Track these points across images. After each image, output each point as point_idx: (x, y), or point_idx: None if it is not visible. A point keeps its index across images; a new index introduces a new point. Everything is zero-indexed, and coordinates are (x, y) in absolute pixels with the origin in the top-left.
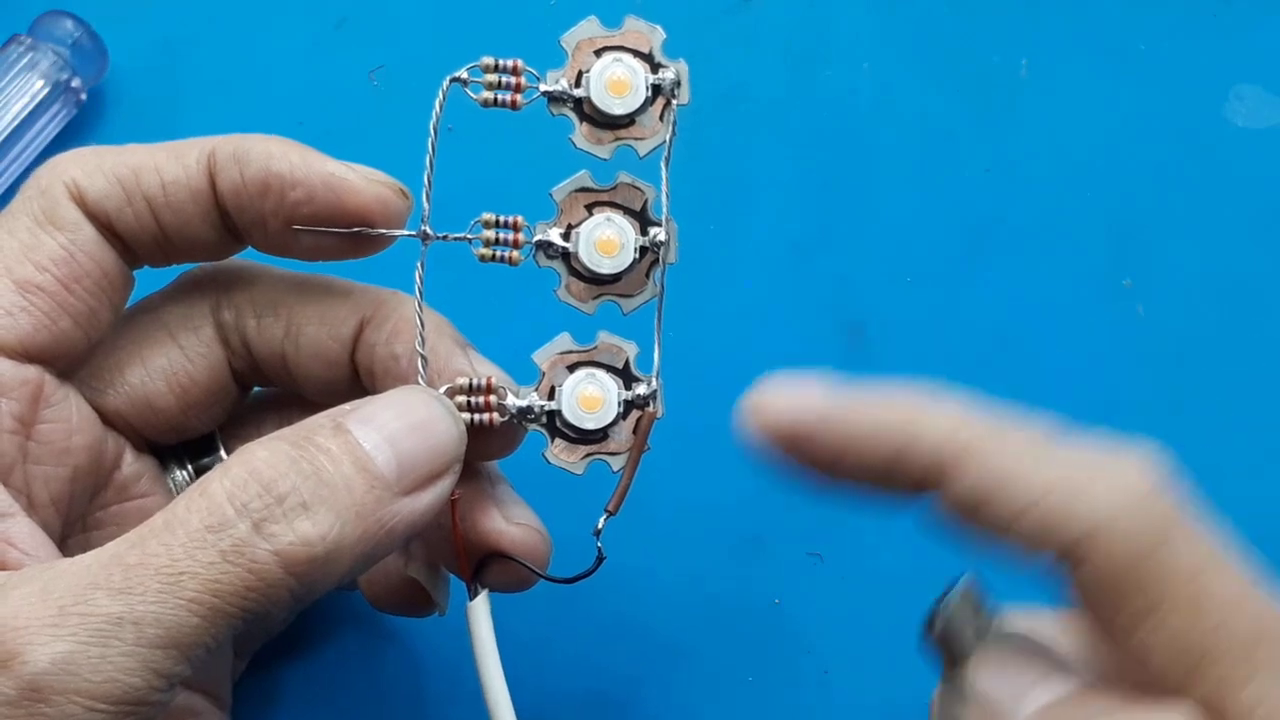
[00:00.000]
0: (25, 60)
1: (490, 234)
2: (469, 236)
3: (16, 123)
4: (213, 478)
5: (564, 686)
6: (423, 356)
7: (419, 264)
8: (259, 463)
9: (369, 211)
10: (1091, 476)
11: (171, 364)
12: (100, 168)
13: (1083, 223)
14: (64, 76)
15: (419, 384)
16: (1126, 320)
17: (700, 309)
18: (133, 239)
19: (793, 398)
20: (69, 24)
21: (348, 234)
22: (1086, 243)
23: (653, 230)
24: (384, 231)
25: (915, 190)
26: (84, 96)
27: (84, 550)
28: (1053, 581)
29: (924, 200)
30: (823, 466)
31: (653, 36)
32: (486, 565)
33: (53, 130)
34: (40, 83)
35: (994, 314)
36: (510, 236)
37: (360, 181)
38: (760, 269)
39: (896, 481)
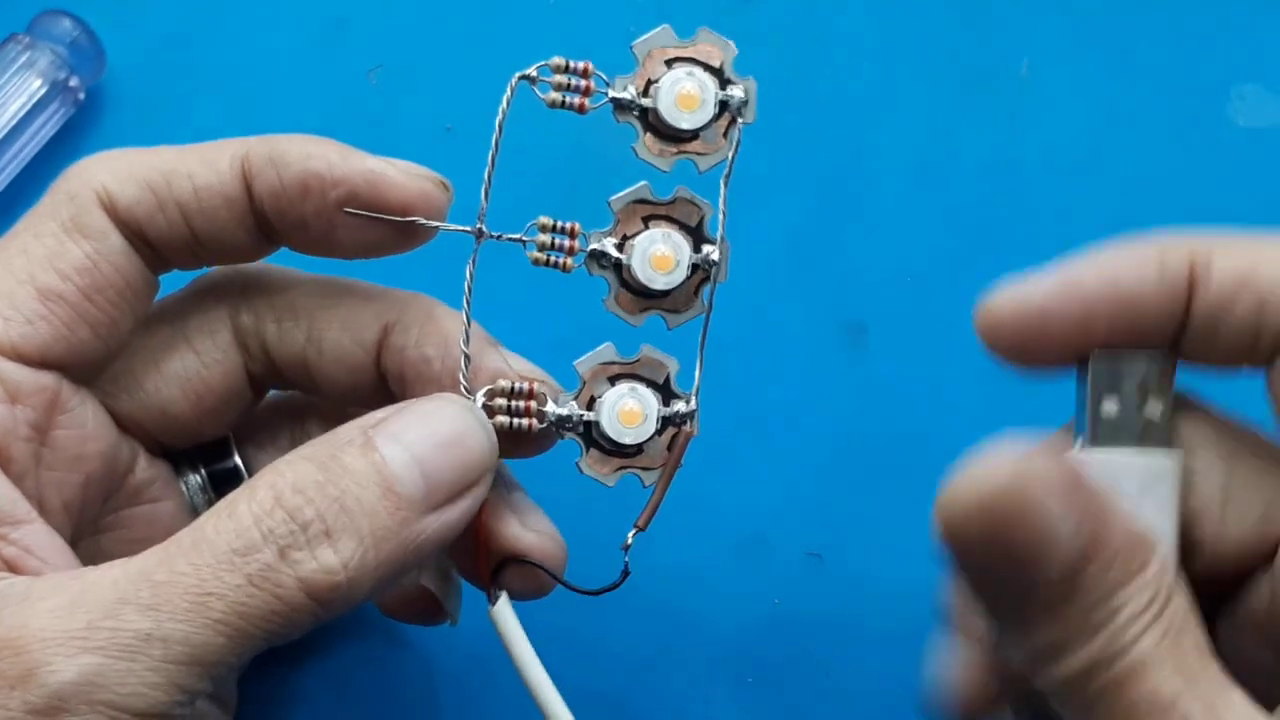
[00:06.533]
0: (23, 59)
1: (545, 238)
2: (524, 238)
3: (14, 122)
4: (240, 499)
5: (562, 686)
6: (466, 355)
7: (470, 261)
8: (285, 486)
9: (412, 206)
10: None
11: (186, 370)
12: (131, 174)
13: (1083, 223)
14: (62, 75)
15: (459, 387)
16: None
17: None
18: (163, 245)
19: (1023, 286)
20: (67, 23)
21: (401, 223)
22: (1087, 243)
23: (706, 248)
24: (437, 224)
25: (915, 190)
26: (82, 96)
27: (95, 554)
28: None
29: (924, 200)
30: (1072, 333)
31: (725, 51)
32: (502, 571)
33: (50, 129)
34: (38, 82)
35: None
36: (565, 243)
37: (402, 177)
38: (760, 269)
39: (1150, 315)
